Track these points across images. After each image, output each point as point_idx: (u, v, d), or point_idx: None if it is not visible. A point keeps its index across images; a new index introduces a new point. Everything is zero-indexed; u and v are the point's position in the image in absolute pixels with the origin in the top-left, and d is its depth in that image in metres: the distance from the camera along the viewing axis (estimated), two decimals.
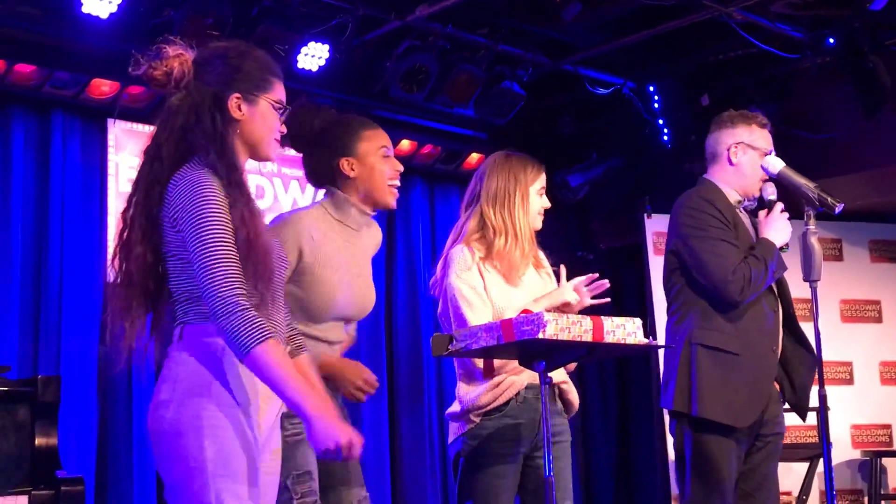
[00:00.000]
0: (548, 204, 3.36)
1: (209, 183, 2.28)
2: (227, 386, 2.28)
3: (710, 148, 3.56)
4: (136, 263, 2.34)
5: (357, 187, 3.02)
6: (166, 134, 2.37)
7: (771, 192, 3.48)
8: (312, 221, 2.96)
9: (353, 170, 3.02)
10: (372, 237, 3.15)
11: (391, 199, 3.06)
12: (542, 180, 3.36)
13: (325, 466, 2.91)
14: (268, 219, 2.68)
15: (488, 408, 3.19)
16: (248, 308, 2.20)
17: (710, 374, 3.32)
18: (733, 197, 3.49)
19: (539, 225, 3.36)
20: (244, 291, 2.22)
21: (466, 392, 3.23)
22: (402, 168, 3.09)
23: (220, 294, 2.20)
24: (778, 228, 3.43)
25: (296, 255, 2.89)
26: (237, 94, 2.38)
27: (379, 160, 3.03)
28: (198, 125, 2.35)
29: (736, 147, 3.47)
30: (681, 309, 3.46)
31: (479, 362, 3.19)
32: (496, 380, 3.19)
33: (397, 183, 3.07)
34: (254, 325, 2.19)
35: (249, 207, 2.32)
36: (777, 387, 3.45)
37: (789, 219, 3.46)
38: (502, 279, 3.25)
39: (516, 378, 3.18)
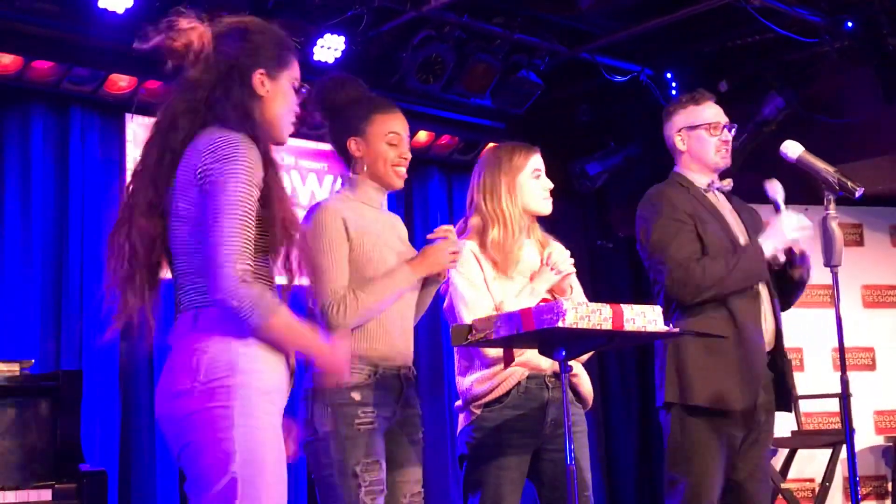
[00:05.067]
0: (549, 184, 3.31)
1: (247, 152, 2.20)
2: (251, 375, 2.20)
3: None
4: (141, 235, 2.25)
5: (363, 167, 3.03)
6: (184, 106, 2.29)
7: (774, 192, 3.33)
8: (339, 204, 2.99)
9: (359, 150, 3.03)
10: (395, 222, 3.15)
11: (397, 181, 3.05)
12: (533, 162, 3.30)
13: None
14: None
15: (487, 398, 3.15)
16: (251, 283, 2.15)
17: (696, 360, 3.22)
18: (701, 182, 3.42)
19: (546, 208, 3.31)
20: (249, 267, 2.16)
21: (465, 383, 3.21)
22: (408, 156, 3.06)
23: (224, 270, 2.14)
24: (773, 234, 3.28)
25: (344, 233, 2.91)
26: (262, 70, 2.33)
27: (384, 145, 3.02)
28: (227, 100, 2.27)
29: (679, 134, 3.45)
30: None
31: (490, 352, 3.16)
32: (494, 369, 3.15)
33: (402, 170, 3.05)
34: (262, 300, 2.16)
35: (282, 185, 2.28)
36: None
37: (806, 208, 3.35)
38: (498, 272, 3.22)
39: (516, 368, 3.14)
